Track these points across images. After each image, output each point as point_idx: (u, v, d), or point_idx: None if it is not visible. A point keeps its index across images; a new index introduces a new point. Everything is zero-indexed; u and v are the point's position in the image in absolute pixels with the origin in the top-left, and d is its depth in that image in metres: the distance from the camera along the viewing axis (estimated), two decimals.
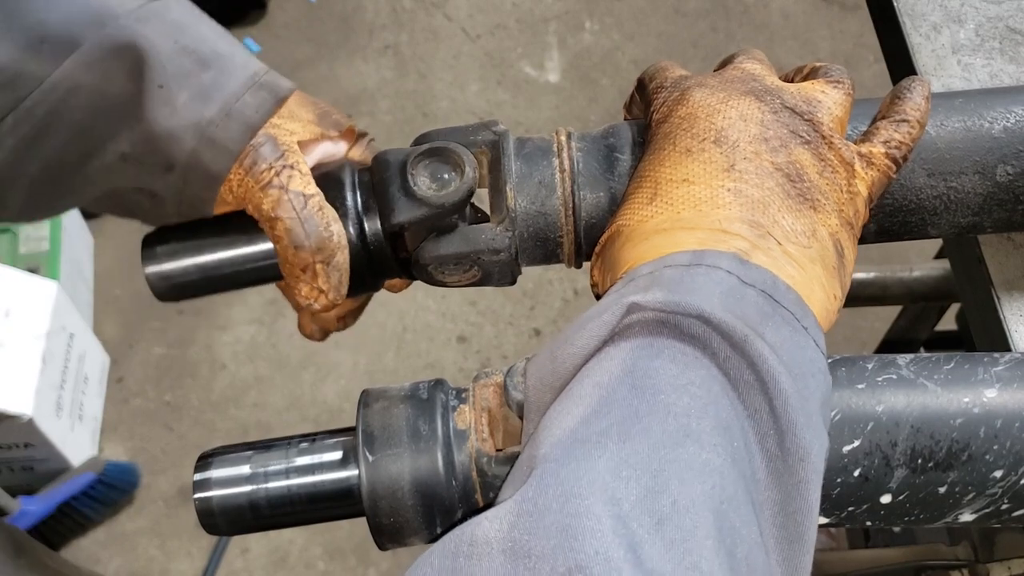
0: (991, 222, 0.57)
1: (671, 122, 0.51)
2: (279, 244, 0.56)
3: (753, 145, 0.48)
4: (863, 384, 0.47)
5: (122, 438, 2.01)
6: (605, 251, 0.51)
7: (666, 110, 0.52)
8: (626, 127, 0.57)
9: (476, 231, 0.56)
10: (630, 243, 0.48)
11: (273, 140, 0.56)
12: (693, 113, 0.50)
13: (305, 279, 0.56)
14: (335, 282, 0.56)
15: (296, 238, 0.54)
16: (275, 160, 0.55)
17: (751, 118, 0.48)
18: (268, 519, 0.49)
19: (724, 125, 0.48)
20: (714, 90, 0.51)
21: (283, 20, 2.71)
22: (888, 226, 0.57)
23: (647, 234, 0.47)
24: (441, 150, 0.55)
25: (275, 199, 0.54)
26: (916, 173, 0.55)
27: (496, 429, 0.48)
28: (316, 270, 0.55)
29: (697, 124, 0.49)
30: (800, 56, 2.63)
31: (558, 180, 0.56)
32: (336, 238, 0.55)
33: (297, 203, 0.54)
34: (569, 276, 2.24)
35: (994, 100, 0.56)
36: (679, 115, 0.51)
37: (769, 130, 0.48)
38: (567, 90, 2.52)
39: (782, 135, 0.48)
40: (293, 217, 0.54)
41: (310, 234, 0.54)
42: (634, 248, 0.47)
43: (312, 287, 0.56)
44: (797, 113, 0.49)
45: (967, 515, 0.47)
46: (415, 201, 0.54)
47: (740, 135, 0.48)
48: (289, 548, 1.90)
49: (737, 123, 0.48)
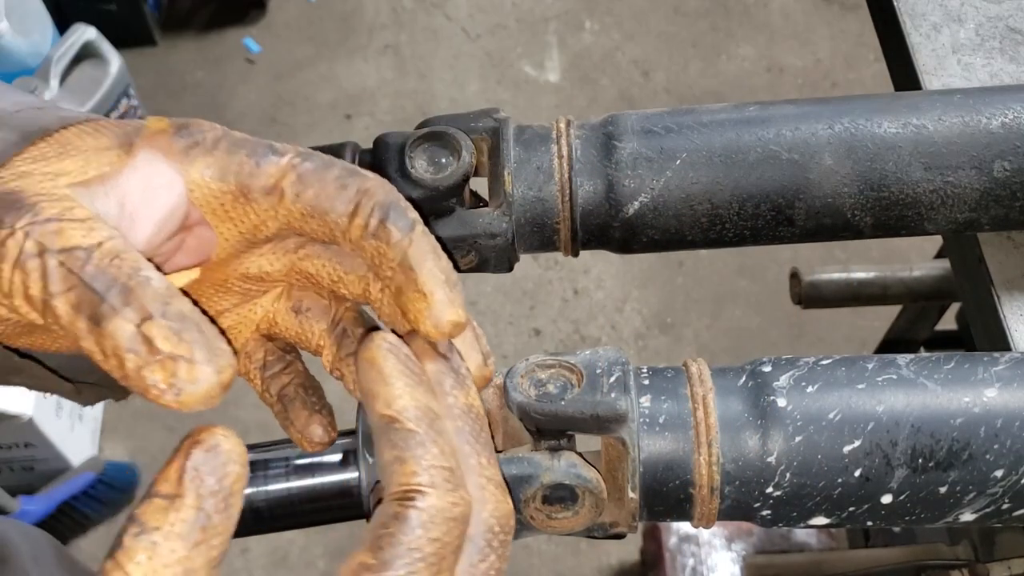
0: (988, 219, 0.57)
1: None
2: (70, 335, 0.36)
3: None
4: (863, 384, 0.46)
5: (122, 438, 2.01)
6: None
7: None
8: (625, 116, 0.57)
9: (474, 215, 0.56)
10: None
11: (12, 195, 0.37)
12: None
13: (141, 360, 0.34)
14: (192, 339, 0.34)
15: (92, 309, 0.35)
16: (18, 220, 0.36)
17: None
18: (268, 521, 0.49)
19: None
20: None
21: (283, 20, 2.71)
22: (885, 220, 0.57)
23: None
24: (440, 134, 0.56)
25: (35, 274, 0.36)
26: (913, 167, 0.55)
27: (496, 430, 0.48)
28: (150, 333, 0.34)
29: None
30: (800, 56, 2.63)
31: (556, 166, 0.56)
32: (156, 283, 0.36)
33: (74, 263, 0.35)
34: (569, 276, 2.24)
35: (992, 96, 0.56)
36: None
37: None
38: (567, 90, 2.52)
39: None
40: (74, 286, 0.35)
41: (107, 292, 0.35)
42: None
43: (161, 365, 0.34)
44: None
45: (968, 515, 0.47)
46: (411, 183, 0.55)
47: None
48: (289, 548, 1.89)
49: None
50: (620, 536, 0.48)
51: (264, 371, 0.50)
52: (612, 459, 0.46)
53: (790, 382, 0.46)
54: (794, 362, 0.48)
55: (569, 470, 0.44)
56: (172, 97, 2.56)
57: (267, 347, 0.50)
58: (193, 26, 2.71)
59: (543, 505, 0.45)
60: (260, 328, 0.50)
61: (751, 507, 0.46)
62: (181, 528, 0.32)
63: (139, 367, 0.34)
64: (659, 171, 0.56)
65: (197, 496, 0.32)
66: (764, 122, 0.57)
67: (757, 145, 0.56)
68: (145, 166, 0.41)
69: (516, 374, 0.46)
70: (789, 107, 0.58)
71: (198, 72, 2.63)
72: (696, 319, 2.23)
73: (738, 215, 0.57)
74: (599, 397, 0.44)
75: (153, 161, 0.42)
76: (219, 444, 0.33)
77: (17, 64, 2.12)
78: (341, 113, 2.53)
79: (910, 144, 0.55)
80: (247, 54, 2.65)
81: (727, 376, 0.47)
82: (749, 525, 1.54)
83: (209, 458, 0.33)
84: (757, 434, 0.45)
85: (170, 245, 0.44)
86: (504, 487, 0.40)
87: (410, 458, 0.36)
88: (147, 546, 0.32)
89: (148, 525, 0.32)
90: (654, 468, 0.45)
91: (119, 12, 2.51)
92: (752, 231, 0.57)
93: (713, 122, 0.57)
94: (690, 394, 0.46)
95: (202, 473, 0.33)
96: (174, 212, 0.42)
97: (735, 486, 0.45)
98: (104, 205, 0.40)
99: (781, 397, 0.46)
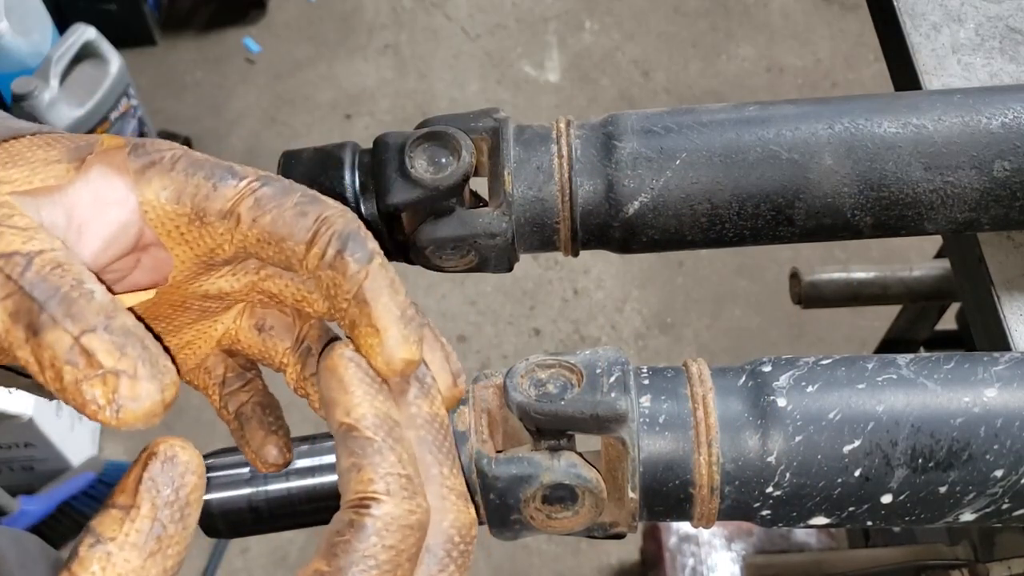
0: (988, 219, 0.57)
1: None
2: (5, 344, 0.34)
3: None
4: (863, 384, 0.46)
5: (122, 438, 2.01)
6: None
7: None
8: (625, 116, 0.57)
9: (474, 215, 0.57)
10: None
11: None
12: None
13: (79, 373, 0.33)
14: (136, 354, 0.33)
15: (30, 318, 0.34)
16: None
17: None
18: (268, 521, 0.49)
19: None
20: None
21: (283, 20, 2.71)
22: (885, 220, 0.57)
23: None
24: (440, 134, 0.56)
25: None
26: (913, 167, 0.55)
27: (496, 431, 0.48)
28: (91, 346, 0.33)
29: None
30: (800, 56, 2.63)
31: (556, 166, 0.56)
32: (100, 296, 0.35)
33: (13, 270, 0.34)
34: (569, 276, 2.24)
35: (992, 96, 0.56)
36: None
37: None
38: (567, 90, 2.52)
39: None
40: (12, 292, 0.34)
41: (46, 302, 0.34)
42: None
43: (101, 380, 0.33)
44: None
45: (968, 515, 0.47)
46: (411, 183, 0.55)
47: None
48: (289, 548, 1.89)
49: None
50: (620, 536, 0.48)
51: (223, 387, 0.50)
52: (612, 459, 0.46)
53: (790, 382, 0.46)
54: (794, 362, 0.48)
55: (569, 470, 0.44)
56: (172, 97, 2.56)
57: (228, 363, 0.50)
58: (193, 26, 2.71)
59: (543, 505, 0.45)
60: (221, 344, 0.49)
61: (751, 507, 0.46)
62: (136, 538, 0.32)
63: (77, 381, 0.33)
64: (659, 171, 0.56)
65: (152, 507, 0.33)
66: (764, 122, 0.57)
67: (757, 145, 0.56)
68: (98, 180, 0.40)
69: (516, 374, 0.46)
70: (789, 107, 0.58)
71: (198, 72, 2.63)
72: (696, 319, 2.23)
73: (738, 215, 0.57)
74: (599, 397, 0.44)
75: (106, 176, 0.40)
76: (176, 455, 0.34)
77: (17, 64, 2.12)
78: (341, 113, 2.53)
79: (910, 144, 0.55)
80: (247, 54, 2.65)
81: (727, 376, 0.47)
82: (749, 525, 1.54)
83: (166, 469, 0.33)
84: (757, 434, 0.45)
85: (125, 263, 0.43)
86: (467, 497, 0.39)
87: (367, 465, 0.36)
88: (101, 556, 0.32)
89: (103, 535, 0.32)
90: (654, 468, 0.45)
91: (119, 12, 2.51)
92: (752, 231, 0.57)
93: (713, 122, 0.57)
94: (690, 394, 0.46)
95: (158, 484, 0.33)
96: (126, 229, 0.41)
97: (735, 486, 0.45)
98: (50, 215, 0.39)
99: (781, 397, 0.46)
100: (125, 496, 0.33)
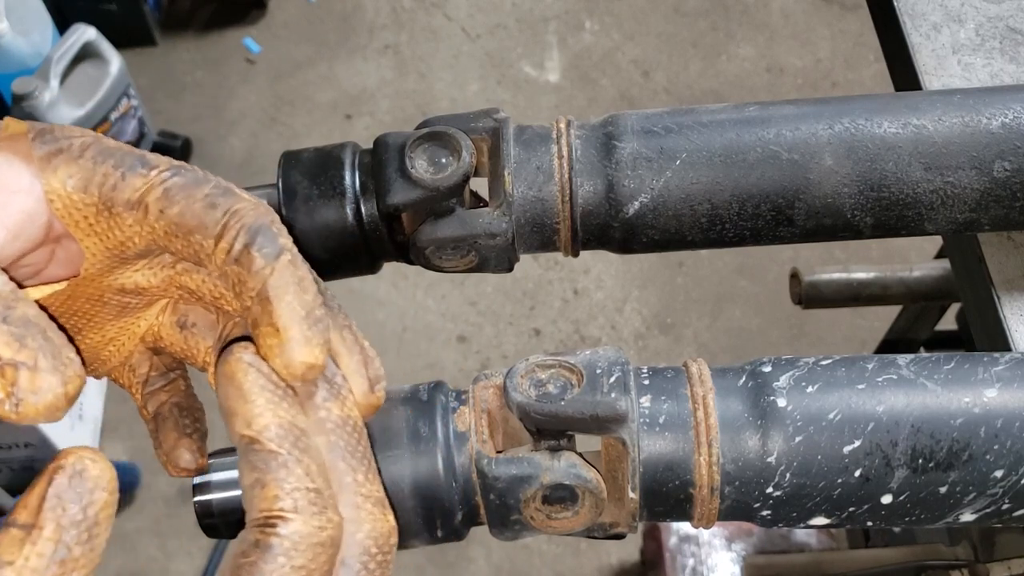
0: (989, 219, 0.57)
1: None
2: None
3: None
4: (863, 384, 0.46)
5: (122, 438, 2.01)
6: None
7: None
8: (626, 116, 0.57)
9: (474, 215, 0.56)
10: None
11: None
12: None
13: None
14: (37, 346, 0.32)
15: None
16: None
17: None
18: None
19: None
20: None
21: (283, 20, 2.71)
22: (885, 220, 0.57)
23: None
24: (440, 135, 0.56)
25: None
26: (913, 167, 0.55)
27: (496, 431, 0.48)
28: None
29: None
30: (800, 56, 2.63)
31: (556, 166, 0.56)
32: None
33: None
34: (569, 276, 2.24)
35: (992, 96, 0.56)
36: None
37: None
38: (567, 90, 2.52)
39: None
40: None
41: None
42: None
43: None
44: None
45: (968, 515, 0.47)
46: (411, 183, 0.55)
47: None
48: None
49: None
50: (620, 536, 0.48)
51: (145, 386, 0.48)
52: (612, 459, 0.46)
53: (790, 382, 0.46)
54: (794, 362, 0.48)
55: (569, 470, 0.44)
56: (172, 97, 2.56)
57: (153, 361, 0.48)
58: (193, 26, 2.71)
59: (543, 505, 0.45)
60: (146, 341, 0.47)
61: (751, 507, 0.46)
62: (36, 563, 0.29)
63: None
64: (659, 171, 0.56)
65: (57, 527, 0.30)
66: (764, 122, 0.57)
67: (757, 145, 0.56)
68: (0, 167, 0.38)
69: (516, 374, 0.46)
70: (789, 107, 0.58)
71: (198, 72, 2.63)
72: (696, 319, 2.23)
73: (738, 215, 0.57)
74: (599, 397, 0.44)
75: (10, 163, 0.38)
76: (85, 469, 0.31)
77: (17, 64, 2.12)
78: (341, 113, 2.53)
79: (910, 144, 0.55)
80: (247, 54, 2.65)
81: (727, 376, 0.47)
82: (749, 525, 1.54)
83: (73, 484, 0.30)
84: (757, 434, 0.45)
85: (39, 256, 0.41)
86: (385, 503, 0.37)
87: (271, 481, 0.33)
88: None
89: (1, 559, 0.29)
90: (654, 468, 0.45)
91: (119, 12, 2.51)
92: (752, 231, 0.57)
93: (713, 122, 0.57)
94: (690, 394, 0.46)
95: (64, 501, 0.30)
96: (32, 219, 0.39)
97: (735, 486, 0.45)
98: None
99: (781, 397, 0.46)
100: (27, 514, 0.30)
